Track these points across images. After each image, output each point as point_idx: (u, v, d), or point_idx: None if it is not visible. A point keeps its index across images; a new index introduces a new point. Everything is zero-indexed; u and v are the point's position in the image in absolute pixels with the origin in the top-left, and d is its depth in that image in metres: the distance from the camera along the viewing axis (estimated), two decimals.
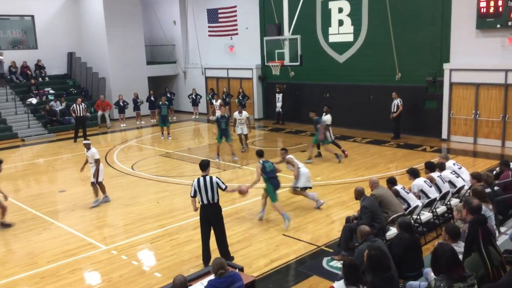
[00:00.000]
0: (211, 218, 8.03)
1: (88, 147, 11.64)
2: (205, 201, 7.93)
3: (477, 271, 5.29)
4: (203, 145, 18.45)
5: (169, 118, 19.95)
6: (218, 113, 19.09)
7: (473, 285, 4.99)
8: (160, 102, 19.89)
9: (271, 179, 9.80)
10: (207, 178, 7.96)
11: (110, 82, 25.07)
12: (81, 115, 19.70)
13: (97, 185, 11.62)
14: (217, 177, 8.05)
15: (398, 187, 8.84)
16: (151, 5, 27.52)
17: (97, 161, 11.50)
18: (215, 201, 7.96)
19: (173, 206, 11.44)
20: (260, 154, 10.17)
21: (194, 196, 8.03)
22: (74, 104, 19.94)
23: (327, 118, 15.07)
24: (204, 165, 8.18)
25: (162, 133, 19.77)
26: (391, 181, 8.97)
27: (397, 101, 17.46)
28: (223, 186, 8.02)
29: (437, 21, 17.22)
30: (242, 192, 8.80)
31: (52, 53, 25.31)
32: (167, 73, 27.68)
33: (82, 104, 19.91)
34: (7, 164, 16.39)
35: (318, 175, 13.52)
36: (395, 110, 17.53)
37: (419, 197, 8.95)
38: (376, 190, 8.48)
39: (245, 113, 16.60)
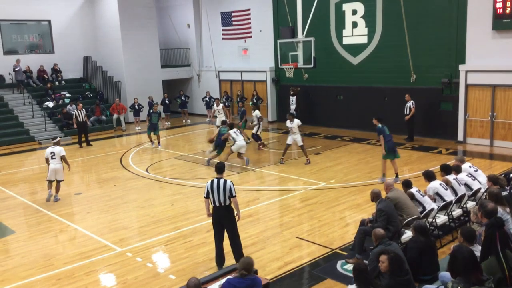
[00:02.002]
0: (223, 220, 8.06)
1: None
2: (217, 203, 7.96)
3: (493, 275, 5.22)
4: None
5: (159, 126, 19.16)
6: (223, 117, 19.06)
7: None
8: (152, 110, 19.06)
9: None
10: (221, 181, 7.98)
11: (125, 85, 25.30)
12: (83, 120, 19.68)
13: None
14: (231, 182, 8.06)
15: (413, 189, 8.77)
16: (165, 8, 27.74)
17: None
18: (227, 204, 7.97)
19: (187, 208, 11.49)
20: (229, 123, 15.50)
21: (207, 197, 8.08)
22: (75, 110, 20.02)
23: (256, 113, 17.62)
24: (220, 168, 8.22)
25: (152, 141, 19.00)
26: (407, 184, 8.91)
27: (409, 103, 17.33)
28: (234, 194, 7.98)
29: (453, 22, 17.06)
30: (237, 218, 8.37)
31: (68, 57, 25.64)
32: (181, 76, 27.84)
33: (83, 110, 19.98)
34: (24, 167, 16.64)
35: (332, 177, 13.48)
36: (407, 112, 17.41)
37: (434, 200, 8.87)
38: (391, 193, 8.42)
39: (296, 121, 14.85)
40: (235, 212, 8.14)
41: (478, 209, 6.62)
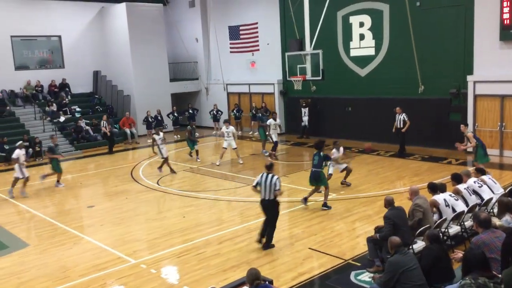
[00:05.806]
0: (266, 210, 9.52)
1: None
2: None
3: None
4: (227, 160, 18.56)
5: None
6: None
7: (501, 283, 4.99)
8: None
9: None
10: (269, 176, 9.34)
11: (134, 99, 25.56)
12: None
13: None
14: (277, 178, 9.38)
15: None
16: (174, 23, 28.05)
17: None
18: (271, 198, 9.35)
19: (199, 220, 11.56)
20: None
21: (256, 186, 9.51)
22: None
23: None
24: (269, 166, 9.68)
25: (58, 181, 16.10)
26: (434, 188, 8.92)
27: (402, 116, 17.27)
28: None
29: (460, 33, 17.16)
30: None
31: (78, 71, 26.00)
32: (189, 89, 28.08)
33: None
34: (35, 181, 16.78)
35: (343, 189, 13.52)
36: (401, 125, 17.29)
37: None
38: (419, 200, 8.37)
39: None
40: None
41: (473, 219, 6.71)
